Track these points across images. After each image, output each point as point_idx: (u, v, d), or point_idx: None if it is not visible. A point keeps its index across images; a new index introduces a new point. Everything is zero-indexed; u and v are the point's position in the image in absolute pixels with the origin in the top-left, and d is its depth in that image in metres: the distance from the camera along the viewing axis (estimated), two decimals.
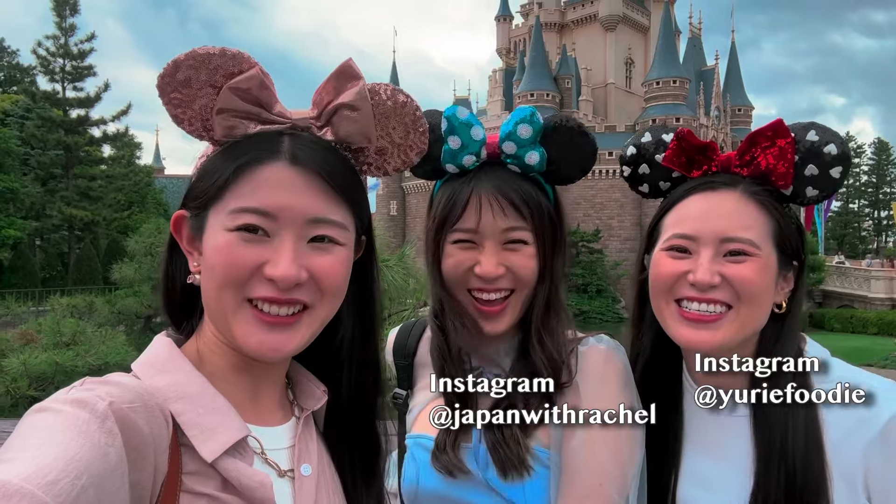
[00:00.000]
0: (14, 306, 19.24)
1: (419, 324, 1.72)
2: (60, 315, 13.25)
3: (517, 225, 1.39)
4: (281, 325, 1.02)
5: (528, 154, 1.39)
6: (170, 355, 1.05)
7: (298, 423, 1.16)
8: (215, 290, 1.01)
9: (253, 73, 1.01)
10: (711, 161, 1.43)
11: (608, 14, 79.52)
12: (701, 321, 1.35)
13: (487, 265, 1.38)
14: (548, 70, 71.58)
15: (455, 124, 1.40)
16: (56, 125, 43.74)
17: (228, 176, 1.00)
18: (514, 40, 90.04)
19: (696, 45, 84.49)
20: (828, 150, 1.34)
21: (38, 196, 43.63)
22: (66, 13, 44.34)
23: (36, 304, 26.95)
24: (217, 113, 1.02)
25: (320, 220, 1.03)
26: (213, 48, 1.01)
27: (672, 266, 1.39)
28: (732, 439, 1.38)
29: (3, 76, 60.56)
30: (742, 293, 1.33)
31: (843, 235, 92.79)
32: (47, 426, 0.78)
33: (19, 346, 10.90)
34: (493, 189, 1.39)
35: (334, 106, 1.07)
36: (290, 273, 0.98)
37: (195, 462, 0.95)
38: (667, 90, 65.86)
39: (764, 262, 1.34)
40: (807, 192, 1.38)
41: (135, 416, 0.86)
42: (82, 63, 45.12)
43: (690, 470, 1.42)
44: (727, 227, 1.34)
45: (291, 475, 1.08)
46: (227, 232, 0.99)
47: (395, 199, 77.42)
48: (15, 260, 40.21)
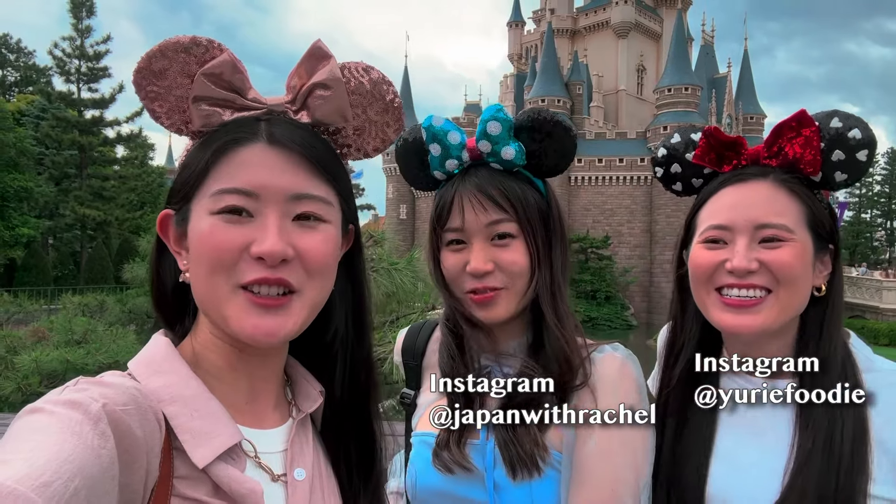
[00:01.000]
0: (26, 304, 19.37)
1: (428, 325, 1.74)
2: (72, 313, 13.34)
3: (499, 218, 1.41)
4: (274, 308, 1.00)
5: (503, 149, 1.41)
6: (166, 355, 1.04)
7: (293, 425, 1.14)
8: (206, 277, 0.99)
9: (224, 58, 1.01)
10: (741, 155, 1.47)
11: (620, 21, 79.43)
12: (742, 306, 1.38)
13: (475, 261, 1.41)
14: (559, 76, 71.54)
15: (433, 132, 1.45)
16: (71, 125, 44.12)
17: (207, 161, 1.00)
18: (525, 46, 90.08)
19: (709, 53, 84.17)
20: (852, 135, 1.38)
21: (51, 195, 44.03)
22: (83, 15, 44.76)
23: (48, 302, 27.15)
24: (193, 101, 1.02)
25: (302, 195, 1.02)
26: (183, 37, 1.01)
27: (710, 256, 1.43)
28: (768, 423, 1.41)
29: (20, 76, 61.19)
30: (780, 277, 1.36)
31: (856, 245, 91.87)
32: (41, 427, 0.77)
33: (31, 343, 10.97)
34: (473, 187, 1.43)
35: (308, 87, 1.06)
36: (276, 248, 0.97)
37: (187, 466, 0.94)
38: (679, 97, 65.64)
39: (800, 245, 1.37)
40: (836, 176, 1.42)
41: (128, 418, 0.85)
42: (98, 64, 45.50)
43: (723, 451, 1.44)
44: (760, 215, 1.38)
45: (285, 479, 1.07)
46: (211, 216, 0.98)
47: (405, 203, 77.51)
48: (28, 258, 40.54)
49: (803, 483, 1.30)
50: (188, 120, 1.05)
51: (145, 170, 50.30)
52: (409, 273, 5.67)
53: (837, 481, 1.29)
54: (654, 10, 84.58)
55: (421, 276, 5.83)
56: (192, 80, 1.01)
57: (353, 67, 1.12)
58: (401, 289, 5.52)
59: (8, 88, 59.90)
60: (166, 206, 1.07)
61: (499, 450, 1.37)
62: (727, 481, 1.41)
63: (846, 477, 1.29)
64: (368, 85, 1.13)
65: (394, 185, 79.07)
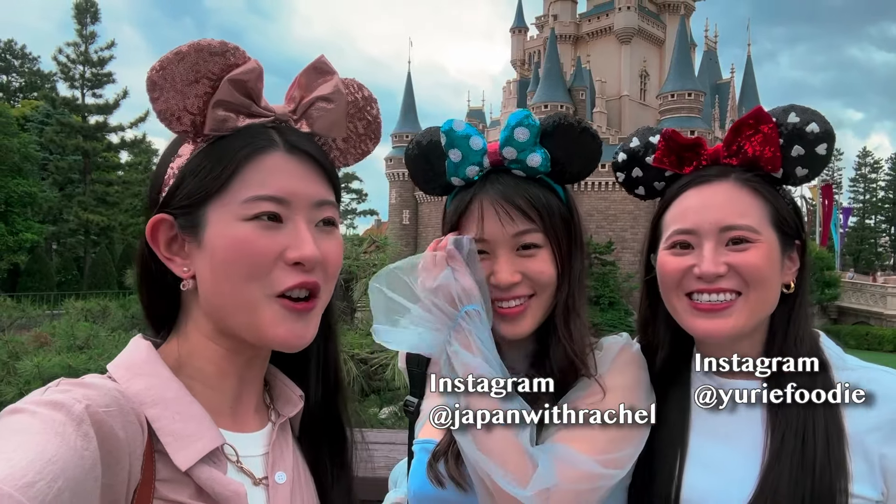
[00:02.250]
0: (30, 309, 19.40)
1: None
2: (75, 318, 13.36)
3: (526, 228, 1.38)
4: (305, 313, 1.05)
5: (529, 157, 1.38)
6: (147, 358, 1.03)
7: (274, 429, 1.15)
8: (240, 284, 0.99)
9: (252, 66, 1.03)
10: (700, 156, 1.46)
11: (623, 27, 79.60)
12: (713, 310, 1.37)
13: (502, 273, 1.37)
14: (562, 82, 71.68)
15: (453, 138, 1.41)
16: (75, 131, 44.37)
17: (237, 166, 1.00)
18: (528, 52, 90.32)
19: (712, 59, 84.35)
20: (810, 130, 1.36)
21: (55, 200, 44.27)
22: (87, 21, 45.08)
23: (51, 307, 27.21)
24: (214, 105, 1.02)
25: (324, 202, 1.07)
26: (213, 41, 1.01)
27: (677, 262, 1.41)
28: (742, 427, 1.39)
29: (24, 82, 61.60)
30: (749, 279, 1.35)
31: (859, 251, 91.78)
32: (23, 428, 0.77)
33: (33, 348, 10.98)
34: (496, 195, 1.38)
35: (310, 99, 1.10)
36: (316, 253, 1.01)
37: (169, 469, 0.94)
38: (682, 103, 65.68)
39: (766, 245, 1.36)
40: (796, 172, 1.40)
41: (110, 420, 0.85)
42: (102, 70, 45.80)
43: (697, 456, 1.42)
44: (725, 216, 1.36)
45: (266, 483, 1.07)
46: (244, 222, 0.99)
47: (408, 209, 77.60)
48: (32, 263, 40.68)
49: (775, 482, 1.29)
50: (198, 123, 1.04)
51: (149, 175, 50.40)
52: None
53: (813, 479, 1.27)
54: (657, 16, 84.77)
55: None
56: (214, 83, 1.02)
57: (349, 83, 1.19)
58: None
59: (13, 94, 60.27)
60: (159, 211, 1.04)
61: None
62: (701, 484, 1.38)
63: (822, 474, 1.27)
64: (361, 101, 1.21)
65: (397, 191, 79.21)
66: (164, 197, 1.05)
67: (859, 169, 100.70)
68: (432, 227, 76.19)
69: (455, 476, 1.35)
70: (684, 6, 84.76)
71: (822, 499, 1.26)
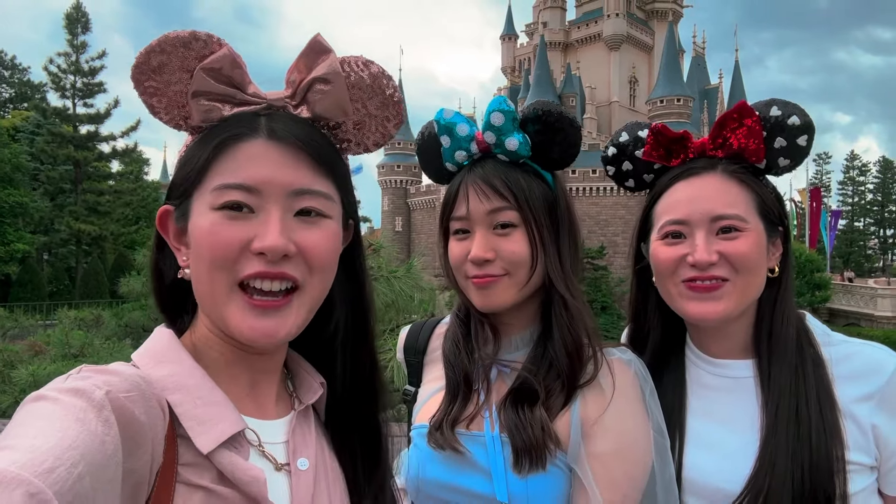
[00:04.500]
0: (22, 319, 19.24)
1: (429, 323, 1.76)
2: (68, 327, 13.26)
3: (499, 206, 1.43)
4: (272, 309, 1.00)
5: (507, 140, 1.44)
6: (170, 346, 1.04)
7: (294, 416, 1.14)
8: (206, 273, 0.99)
9: (224, 52, 1.00)
10: (688, 149, 1.53)
11: (612, 33, 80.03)
12: (706, 291, 1.44)
13: (476, 249, 1.43)
14: (552, 88, 71.94)
15: (443, 124, 1.51)
16: (66, 141, 44.05)
17: (208, 156, 0.99)
18: (519, 59, 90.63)
19: (700, 64, 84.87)
20: (792, 122, 1.44)
21: (46, 210, 43.93)
22: (78, 31, 44.88)
23: (43, 317, 26.95)
24: (192, 97, 1.01)
25: (304, 191, 1.01)
26: (182, 32, 0.99)
27: (670, 252, 1.48)
28: (736, 403, 1.48)
29: (15, 93, 61.21)
30: (739, 266, 1.42)
31: (849, 254, 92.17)
32: (44, 414, 0.77)
33: (28, 357, 10.91)
34: (477, 177, 1.46)
35: (307, 82, 1.05)
36: (278, 243, 0.96)
37: (191, 453, 0.95)
38: (671, 108, 66.04)
39: (754, 234, 1.43)
40: (779, 162, 1.48)
41: (131, 405, 0.85)
42: (93, 80, 45.55)
43: (695, 436, 1.49)
44: (715, 206, 1.43)
45: (289, 469, 1.07)
46: (212, 211, 0.97)
47: (401, 216, 77.52)
48: (23, 274, 40.33)
49: (773, 455, 1.35)
50: (187, 115, 1.04)
51: (140, 184, 50.32)
52: (409, 281, 5.69)
53: (810, 449, 1.34)
54: (646, 23, 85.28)
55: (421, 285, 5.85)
56: (192, 75, 1.00)
57: (353, 62, 1.10)
58: (400, 297, 5.54)
59: (3, 105, 59.89)
60: (166, 202, 1.07)
61: (507, 435, 1.37)
62: (702, 463, 1.45)
63: (819, 443, 1.34)
64: (368, 79, 1.11)
65: (389, 198, 79.09)
66: (169, 188, 1.07)
67: (847, 172, 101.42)
68: (425, 233, 76.01)
69: (452, 443, 1.41)
70: (672, 13, 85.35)
71: (820, 467, 1.33)
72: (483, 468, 1.38)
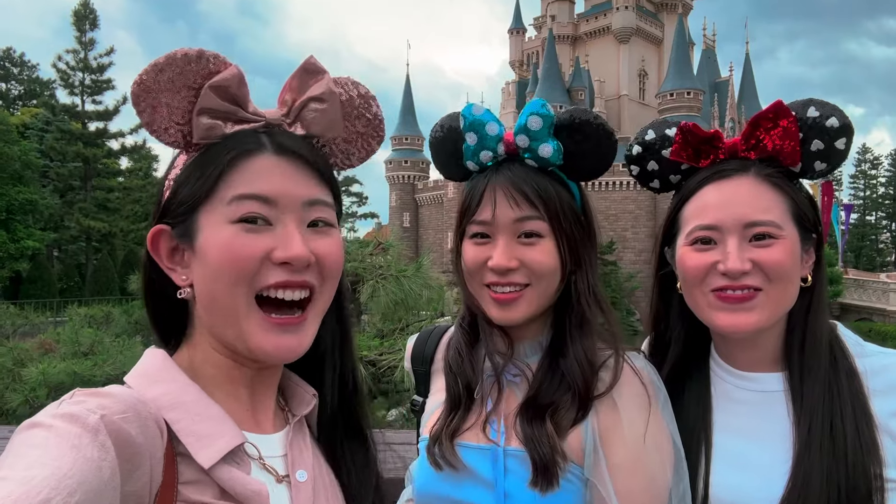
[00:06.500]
0: (32, 316, 19.38)
1: (437, 331, 1.71)
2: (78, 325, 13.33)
3: (528, 215, 1.37)
4: (292, 327, 1.04)
5: (541, 146, 1.38)
6: (163, 365, 1.04)
7: (289, 429, 1.15)
8: (226, 289, 0.99)
9: (233, 71, 1.03)
10: (718, 149, 1.44)
11: (621, 26, 79.64)
12: (737, 302, 1.36)
13: (499, 257, 1.37)
14: (561, 82, 71.76)
15: (471, 121, 1.43)
16: (75, 138, 44.41)
17: (221, 170, 1.00)
18: (527, 53, 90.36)
19: (710, 57, 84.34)
20: (830, 124, 1.36)
21: (56, 208, 44.31)
22: (86, 27, 45.15)
23: (54, 314, 27.21)
24: (198, 113, 1.02)
25: (315, 201, 1.06)
26: (190, 50, 1.01)
27: (700, 259, 1.39)
28: (766, 418, 1.39)
29: (24, 90, 61.67)
30: (773, 275, 1.34)
31: (861, 248, 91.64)
32: (39, 443, 0.77)
33: (38, 355, 10.96)
34: (505, 181, 1.39)
35: (302, 101, 1.09)
36: (303, 252, 1.00)
37: (192, 471, 0.94)
38: (681, 102, 65.72)
39: (789, 241, 1.35)
40: (815, 166, 1.40)
41: (127, 426, 0.85)
42: (101, 77, 45.84)
43: (723, 453, 1.41)
44: (748, 212, 1.35)
45: (289, 481, 1.08)
46: (230, 224, 0.99)
47: (408, 211, 77.66)
48: (33, 271, 40.71)
49: (807, 474, 1.27)
50: (187, 133, 1.05)
51: (149, 181, 50.48)
52: (418, 280, 5.63)
53: (847, 467, 1.26)
54: (655, 16, 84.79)
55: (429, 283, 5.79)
56: (195, 92, 1.02)
57: (344, 82, 1.18)
58: (409, 296, 5.49)
59: (12, 102, 60.32)
60: (158, 223, 1.06)
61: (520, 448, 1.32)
62: (731, 482, 1.37)
63: (855, 461, 1.26)
64: (357, 99, 1.19)
65: (397, 194, 79.22)
66: (162, 208, 1.07)
67: (859, 165, 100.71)
68: (433, 229, 76.15)
69: (450, 457, 1.36)
70: (682, 5, 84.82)
71: (857, 487, 1.25)
72: (487, 481, 1.34)
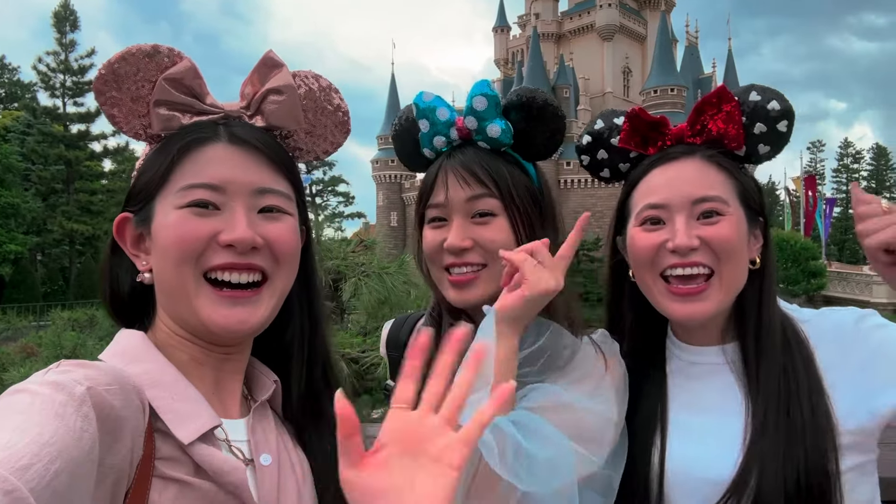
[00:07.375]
0: (15, 321, 19.21)
1: (412, 317, 1.73)
2: (61, 329, 13.23)
3: (479, 193, 1.38)
4: (243, 299, 1.06)
5: (489, 126, 1.39)
6: (141, 346, 1.06)
7: (251, 414, 1.16)
8: (173, 268, 1.03)
9: (185, 64, 1.07)
10: (665, 136, 1.47)
11: (605, 24, 79.95)
12: (689, 294, 1.37)
13: (453, 237, 1.38)
14: (546, 80, 71.87)
15: (422, 108, 1.44)
16: (57, 140, 43.99)
17: (172, 159, 1.04)
18: (511, 51, 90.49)
19: (693, 54, 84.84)
20: (771, 107, 1.39)
21: (39, 211, 43.79)
22: (67, 29, 44.70)
23: (37, 318, 26.95)
24: (154, 105, 1.06)
25: (266, 189, 1.08)
26: (145, 45, 1.06)
27: (649, 238, 1.41)
28: (719, 395, 1.41)
29: (5, 93, 60.84)
30: (721, 252, 1.36)
31: (844, 241, 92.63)
32: (23, 408, 0.78)
33: (20, 359, 10.87)
34: (456, 163, 1.40)
35: (262, 93, 1.12)
36: (246, 235, 1.02)
37: (168, 447, 0.96)
38: (664, 98, 66.15)
39: (736, 218, 1.38)
40: (759, 149, 1.43)
41: (111, 398, 0.86)
42: (83, 78, 45.47)
43: (679, 427, 1.44)
44: (695, 189, 1.37)
45: (253, 465, 1.09)
46: (178, 210, 1.03)
47: (396, 211, 77.51)
48: (16, 275, 40.22)
49: (760, 457, 1.29)
50: (147, 125, 1.10)
51: None
52: (401, 277, 5.63)
53: (805, 450, 1.27)
54: (638, 13, 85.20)
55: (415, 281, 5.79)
56: (153, 85, 1.06)
57: (304, 75, 1.21)
58: (392, 293, 5.49)
59: None
60: (123, 210, 1.10)
61: None
62: (686, 453, 1.40)
63: (813, 444, 1.27)
64: (318, 91, 1.22)
65: (384, 193, 79.05)
66: (126, 196, 1.11)
67: (841, 160, 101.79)
68: None
69: None
70: (665, 2, 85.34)
71: (816, 467, 1.26)
72: None
